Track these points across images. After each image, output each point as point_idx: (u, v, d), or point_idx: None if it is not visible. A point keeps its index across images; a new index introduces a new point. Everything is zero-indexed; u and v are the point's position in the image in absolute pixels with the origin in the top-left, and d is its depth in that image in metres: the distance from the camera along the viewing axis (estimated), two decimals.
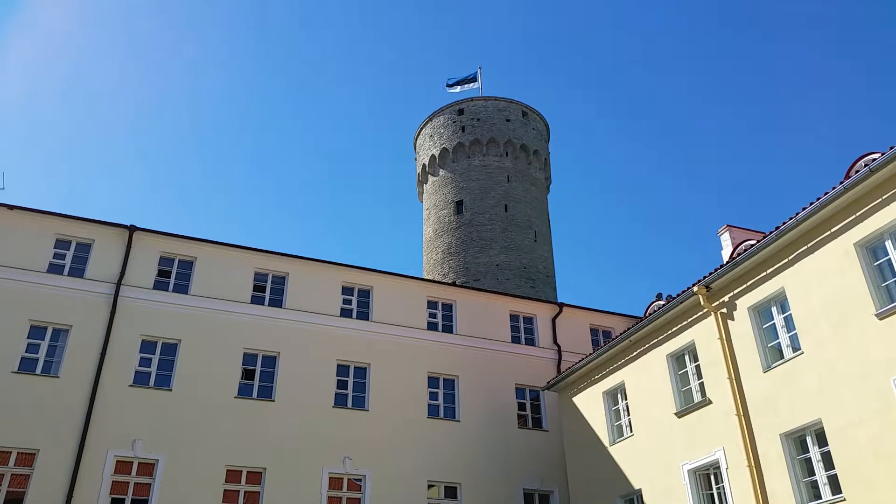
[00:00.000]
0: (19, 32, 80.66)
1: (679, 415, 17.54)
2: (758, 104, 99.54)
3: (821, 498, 13.71)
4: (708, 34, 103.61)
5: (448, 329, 25.13)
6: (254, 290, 22.93)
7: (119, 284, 21.12)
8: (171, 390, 20.41)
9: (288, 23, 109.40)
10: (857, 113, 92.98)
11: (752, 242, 18.16)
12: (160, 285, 21.89)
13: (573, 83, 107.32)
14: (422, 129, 47.50)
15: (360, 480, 21.27)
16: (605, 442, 20.16)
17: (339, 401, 22.29)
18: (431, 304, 25.37)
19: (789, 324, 15.17)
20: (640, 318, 25.06)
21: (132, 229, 21.97)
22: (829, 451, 13.62)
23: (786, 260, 15.16)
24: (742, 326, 16.13)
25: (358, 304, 24.18)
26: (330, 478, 20.91)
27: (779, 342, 15.42)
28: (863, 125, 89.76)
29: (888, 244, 13.28)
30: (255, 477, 20.21)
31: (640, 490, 18.47)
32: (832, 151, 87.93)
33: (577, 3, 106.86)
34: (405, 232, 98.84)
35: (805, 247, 14.74)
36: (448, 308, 25.57)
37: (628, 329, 19.73)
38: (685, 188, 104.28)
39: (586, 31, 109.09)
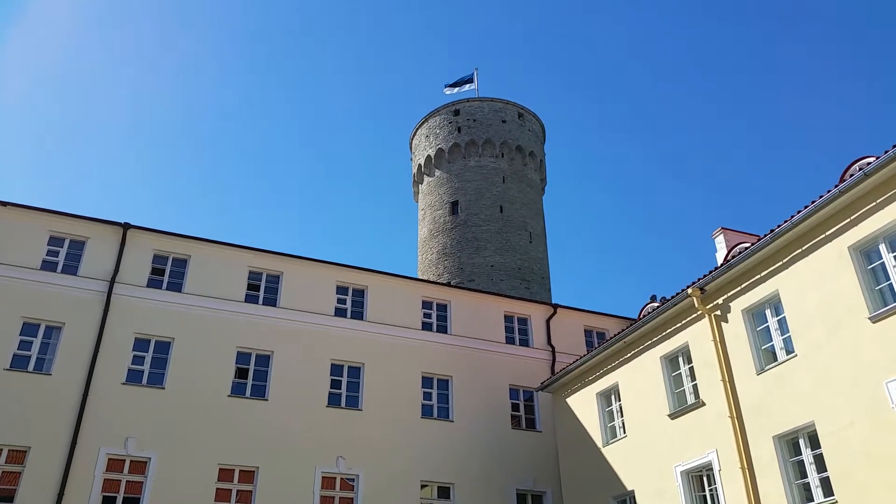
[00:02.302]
0: (14, 31, 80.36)
1: (672, 416, 17.57)
2: (753, 107, 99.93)
3: (813, 500, 13.73)
4: (704, 36, 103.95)
5: (442, 329, 25.12)
6: (248, 289, 22.88)
7: (112, 282, 21.05)
8: (163, 388, 20.35)
9: (284, 21, 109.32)
10: (853, 116, 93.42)
11: (747, 245, 18.20)
12: (154, 283, 21.82)
13: (569, 85, 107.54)
14: (418, 129, 47.49)
15: (353, 480, 21.24)
16: (599, 443, 20.17)
17: (333, 400, 22.26)
18: (426, 305, 25.36)
19: (783, 326, 15.20)
20: (634, 319, 25.09)
21: (126, 227, 21.89)
22: (821, 454, 13.64)
23: (780, 263, 15.19)
24: (736, 329, 16.15)
25: (352, 304, 24.15)
26: (323, 477, 20.89)
27: (772, 344, 15.45)
28: (858, 129, 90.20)
29: (882, 248, 13.32)
30: (248, 476, 20.16)
31: (632, 491, 18.48)
32: (827, 155, 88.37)
33: (573, 4, 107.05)
34: (400, 232, 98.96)
35: (799, 250, 14.77)
36: (442, 308, 25.56)
37: (622, 330, 19.74)
38: (680, 190, 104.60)
39: (582, 32, 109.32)
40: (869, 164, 13.65)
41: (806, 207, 14.30)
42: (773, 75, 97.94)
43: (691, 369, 17.54)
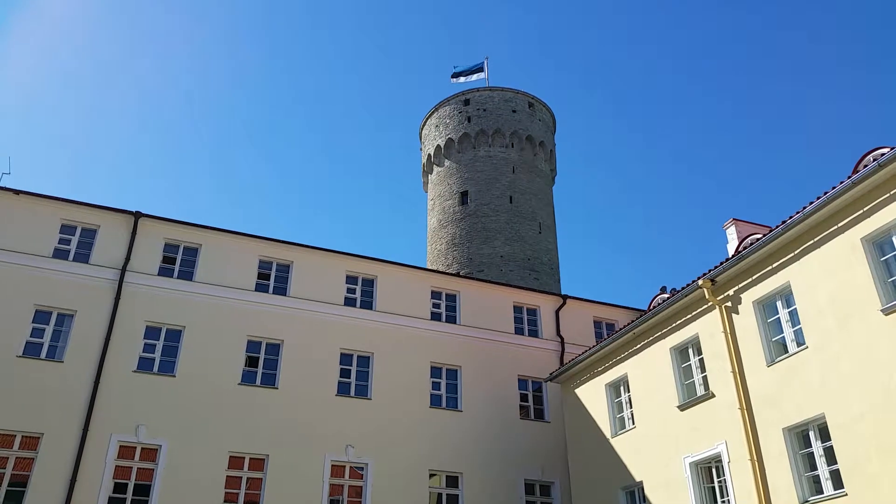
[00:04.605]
0: (26, 19, 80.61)
1: (681, 408, 17.54)
2: (766, 97, 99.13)
3: (822, 493, 13.70)
4: (716, 25, 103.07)
5: (451, 319, 25.13)
6: (258, 278, 22.95)
7: (124, 270, 21.16)
8: (174, 376, 20.47)
9: (294, 11, 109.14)
10: (867, 107, 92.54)
11: (759, 236, 18.09)
12: (165, 272, 21.91)
13: (580, 75, 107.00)
14: (427, 119, 47.37)
15: (362, 469, 21.34)
16: (607, 434, 20.17)
17: (342, 389, 22.34)
18: (435, 295, 25.38)
19: (794, 318, 15.12)
20: (643, 310, 25.03)
21: (137, 215, 21.98)
22: (831, 446, 13.61)
23: (792, 254, 15.09)
24: (746, 320, 16.09)
25: (362, 294, 24.18)
26: (332, 465, 21.00)
27: (783, 336, 15.38)
28: (872, 119, 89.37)
29: (895, 240, 13.21)
30: (258, 463, 20.29)
31: (641, 482, 18.49)
32: (841, 145, 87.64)
33: None
34: (410, 222, 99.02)
35: (811, 241, 14.67)
36: (452, 298, 25.57)
37: (632, 322, 19.70)
38: (691, 181, 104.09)
39: (593, 22, 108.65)
40: (883, 154, 13.55)
41: (819, 198, 14.19)
42: (788, 65, 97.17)
43: (701, 361, 17.49)
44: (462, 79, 46.62)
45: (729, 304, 16.62)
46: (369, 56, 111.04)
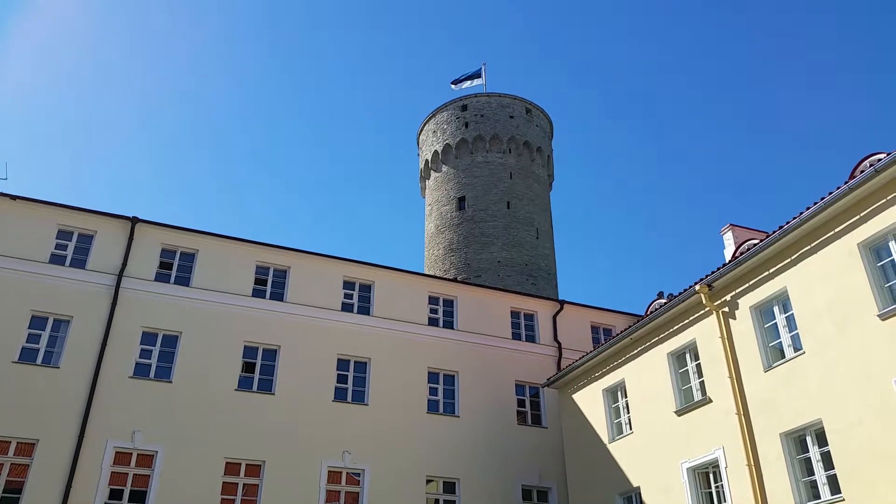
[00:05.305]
0: (25, 19, 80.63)
1: (679, 413, 17.52)
2: (763, 102, 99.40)
3: (820, 498, 13.69)
4: (714, 30, 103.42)
5: (449, 325, 25.10)
6: (255, 284, 22.92)
7: (120, 276, 21.12)
8: (171, 382, 20.41)
9: (292, 16, 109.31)
10: (864, 112, 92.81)
11: (755, 242, 18.14)
12: (161, 277, 21.88)
13: (577, 80, 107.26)
14: (425, 124, 47.44)
15: (358, 474, 21.28)
16: (605, 439, 20.15)
17: (339, 395, 22.29)
18: (432, 300, 25.36)
19: (791, 323, 15.13)
20: (641, 316, 25.04)
21: (134, 221, 21.95)
22: (828, 452, 13.60)
23: (789, 259, 15.12)
24: (744, 325, 16.10)
25: (359, 299, 24.15)
26: (329, 471, 20.93)
27: (780, 342, 15.39)
28: (869, 125, 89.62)
29: (892, 245, 13.24)
30: (255, 470, 20.22)
31: (638, 488, 18.46)
32: (837, 151, 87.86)
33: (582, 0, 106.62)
34: (407, 227, 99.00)
35: (808, 246, 14.70)
36: (449, 304, 25.56)
37: (629, 327, 19.70)
38: (688, 187, 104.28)
39: (591, 28, 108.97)
40: (880, 160, 13.59)
41: (815, 204, 14.23)
42: (784, 70, 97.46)
43: (698, 366, 17.49)
44: (460, 85, 46.74)
45: (726, 309, 16.63)
46: (368, 60, 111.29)
